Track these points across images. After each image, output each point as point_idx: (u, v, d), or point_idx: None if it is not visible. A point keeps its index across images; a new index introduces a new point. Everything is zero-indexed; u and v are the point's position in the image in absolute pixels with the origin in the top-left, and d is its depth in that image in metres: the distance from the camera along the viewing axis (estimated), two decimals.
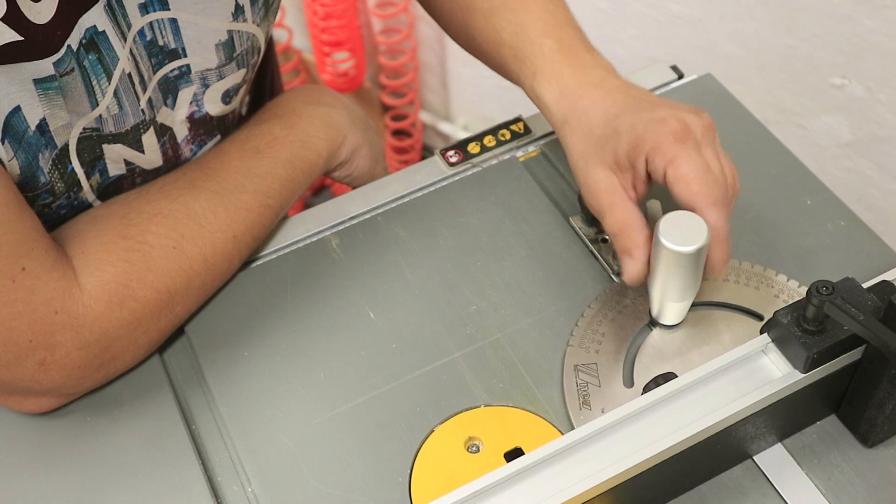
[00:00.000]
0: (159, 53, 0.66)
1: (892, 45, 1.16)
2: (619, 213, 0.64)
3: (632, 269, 0.63)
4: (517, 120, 0.84)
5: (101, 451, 0.65)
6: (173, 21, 0.65)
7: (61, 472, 0.64)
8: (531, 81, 0.72)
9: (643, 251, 0.63)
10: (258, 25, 0.71)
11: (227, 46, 0.69)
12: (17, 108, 0.57)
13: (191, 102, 0.71)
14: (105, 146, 0.66)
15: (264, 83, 0.90)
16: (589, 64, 0.70)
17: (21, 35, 0.55)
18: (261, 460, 0.64)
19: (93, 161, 0.66)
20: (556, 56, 0.70)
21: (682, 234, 0.59)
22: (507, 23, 0.73)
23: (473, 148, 0.82)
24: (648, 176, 0.65)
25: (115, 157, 0.68)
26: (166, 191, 0.69)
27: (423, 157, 1.96)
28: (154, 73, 0.67)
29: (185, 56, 0.67)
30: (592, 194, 0.66)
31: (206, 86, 0.71)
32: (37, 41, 0.56)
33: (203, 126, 0.74)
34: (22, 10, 0.55)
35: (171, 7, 0.64)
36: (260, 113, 0.78)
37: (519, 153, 0.82)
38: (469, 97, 1.86)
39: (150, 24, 0.64)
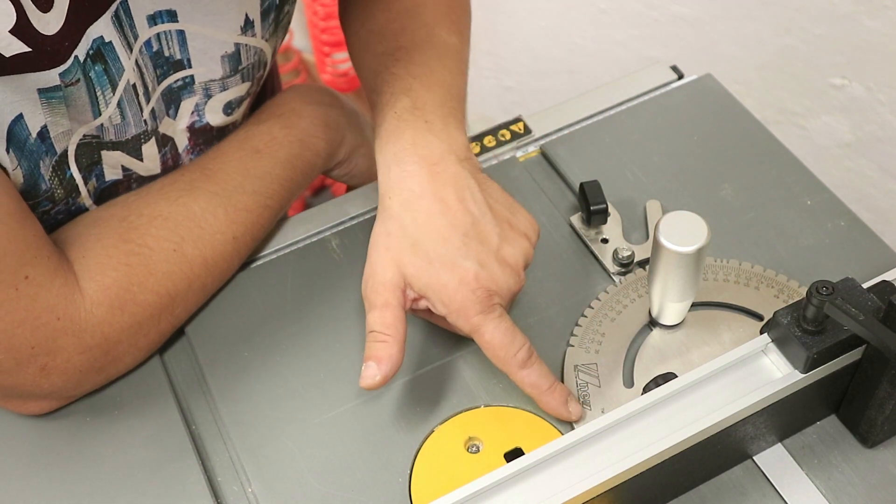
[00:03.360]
0: (164, 64, 0.66)
1: (892, 45, 1.16)
2: (390, 317, 0.61)
3: (371, 379, 0.60)
4: (517, 120, 0.84)
5: (101, 452, 0.65)
6: (180, 33, 0.65)
7: (61, 473, 0.64)
8: (375, 136, 0.68)
9: (390, 365, 0.60)
10: (266, 41, 0.71)
11: (233, 59, 0.69)
12: (20, 117, 0.57)
13: (192, 112, 0.71)
14: (104, 152, 0.66)
15: (264, 91, 0.89)
16: (436, 132, 0.65)
17: (29, 46, 0.54)
18: (261, 460, 0.64)
19: (90, 166, 0.66)
20: (406, 115, 0.66)
21: (681, 234, 0.59)
22: (384, 70, 0.70)
23: (473, 148, 0.82)
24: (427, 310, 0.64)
25: (113, 163, 0.68)
26: (165, 192, 0.68)
27: None
28: (158, 84, 0.66)
29: (190, 67, 0.67)
30: (376, 283, 0.63)
31: (209, 96, 0.71)
32: (44, 52, 0.56)
33: (203, 136, 0.74)
34: (31, 20, 0.54)
35: (179, 19, 0.64)
36: (258, 112, 0.77)
37: (519, 153, 0.82)
38: (469, 97, 1.85)
39: (158, 35, 0.64)
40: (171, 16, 0.63)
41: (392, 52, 0.71)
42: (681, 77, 0.86)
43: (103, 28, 0.59)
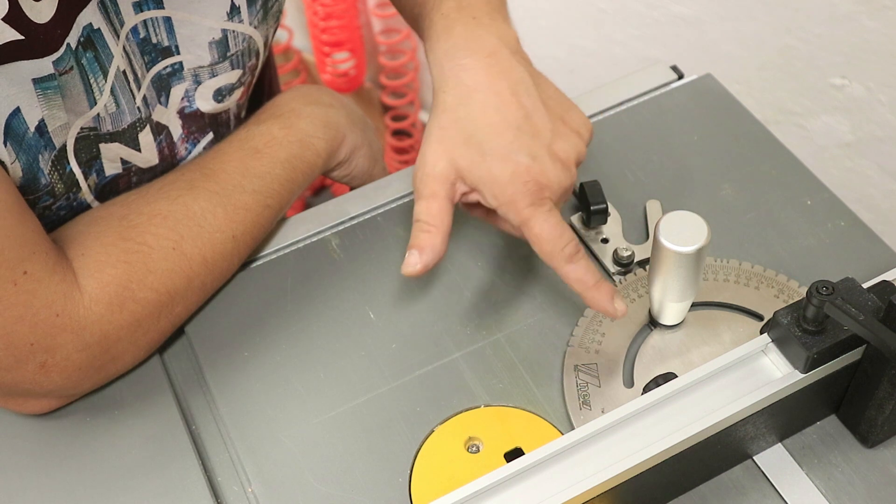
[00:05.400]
0: (152, 51, 0.66)
1: (892, 45, 1.16)
2: (437, 207, 0.63)
3: (412, 265, 0.63)
4: None
5: (101, 451, 0.65)
6: (167, 19, 0.65)
7: (61, 472, 0.64)
8: (425, 40, 0.68)
9: (432, 255, 0.62)
10: (256, 28, 0.71)
11: (221, 45, 0.69)
12: (17, 110, 0.58)
13: (182, 98, 0.71)
14: (102, 145, 0.66)
15: (262, 86, 0.90)
16: (485, 26, 0.65)
17: (22, 34, 0.55)
18: (261, 460, 0.64)
19: (90, 161, 0.66)
20: (453, 14, 0.66)
21: (681, 234, 0.59)
22: None
23: None
24: (477, 203, 0.65)
25: (112, 157, 0.68)
26: (165, 191, 0.69)
27: None
28: (147, 71, 0.67)
29: (178, 54, 0.68)
30: (425, 174, 0.64)
31: (198, 83, 0.71)
32: (37, 40, 0.56)
33: (194, 123, 0.74)
34: (23, 9, 0.55)
35: (165, 6, 0.64)
36: (258, 113, 0.78)
37: None
38: None
39: (144, 21, 0.64)
40: (157, 2, 0.64)
41: None
42: (681, 77, 0.86)
43: (91, 15, 0.60)
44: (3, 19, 0.54)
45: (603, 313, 0.64)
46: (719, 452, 0.59)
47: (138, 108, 0.67)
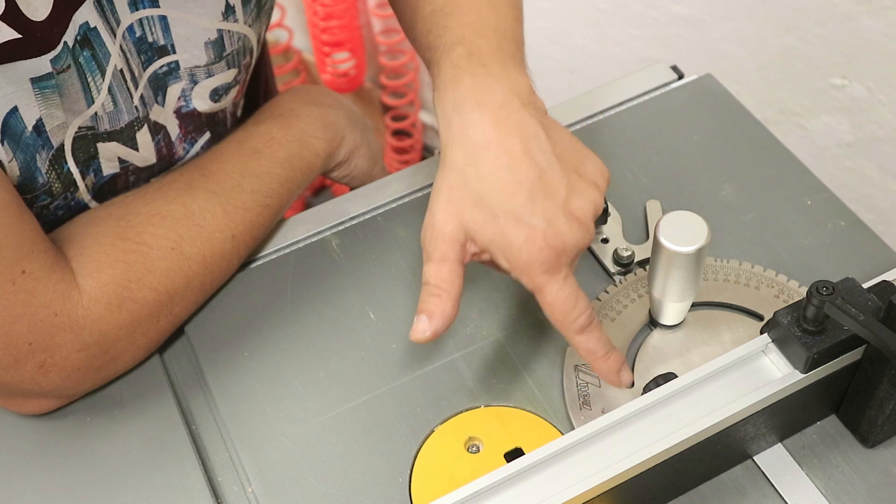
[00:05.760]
0: (149, 50, 0.66)
1: (892, 45, 1.16)
2: (447, 271, 0.59)
3: (422, 332, 0.59)
4: None
5: (101, 451, 0.65)
6: (163, 18, 0.65)
7: (61, 472, 0.64)
8: (434, 89, 0.65)
9: (442, 321, 0.59)
10: (250, 26, 0.71)
11: (217, 45, 0.69)
12: (15, 109, 0.58)
13: (178, 98, 0.71)
14: (99, 144, 0.66)
15: (258, 85, 0.90)
16: (496, 76, 0.62)
17: (19, 33, 0.55)
18: (261, 460, 0.64)
19: (87, 160, 0.66)
20: (462, 63, 0.63)
21: (681, 234, 0.59)
22: (436, 25, 0.68)
23: None
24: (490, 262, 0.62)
25: (109, 156, 0.68)
26: (164, 191, 0.69)
27: (423, 157, 1.97)
28: (144, 70, 0.67)
29: (174, 53, 0.68)
30: (435, 235, 0.60)
31: (195, 82, 0.71)
32: (35, 38, 0.56)
33: (192, 122, 0.74)
34: (20, 7, 0.55)
35: (160, 4, 0.64)
36: (258, 113, 0.78)
37: None
38: None
39: (140, 20, 0.64)
40: (153, 1, 0.64)
41: (441, 8, 0.69)
42: (681, 77, 0.86)
43: (88, 13, 0.60)
44: (0, 18, 0.54)
45: (608, 382, 0.62)
46: (719, 452, 0.59)
47: (136, 107, 0.67)
